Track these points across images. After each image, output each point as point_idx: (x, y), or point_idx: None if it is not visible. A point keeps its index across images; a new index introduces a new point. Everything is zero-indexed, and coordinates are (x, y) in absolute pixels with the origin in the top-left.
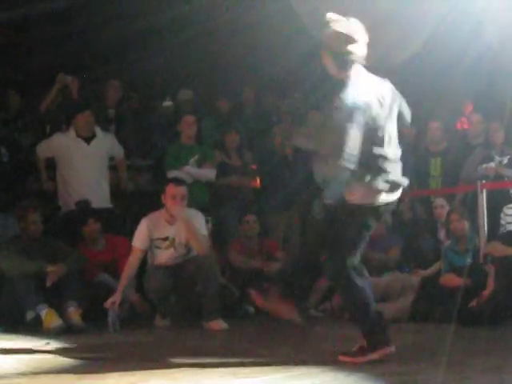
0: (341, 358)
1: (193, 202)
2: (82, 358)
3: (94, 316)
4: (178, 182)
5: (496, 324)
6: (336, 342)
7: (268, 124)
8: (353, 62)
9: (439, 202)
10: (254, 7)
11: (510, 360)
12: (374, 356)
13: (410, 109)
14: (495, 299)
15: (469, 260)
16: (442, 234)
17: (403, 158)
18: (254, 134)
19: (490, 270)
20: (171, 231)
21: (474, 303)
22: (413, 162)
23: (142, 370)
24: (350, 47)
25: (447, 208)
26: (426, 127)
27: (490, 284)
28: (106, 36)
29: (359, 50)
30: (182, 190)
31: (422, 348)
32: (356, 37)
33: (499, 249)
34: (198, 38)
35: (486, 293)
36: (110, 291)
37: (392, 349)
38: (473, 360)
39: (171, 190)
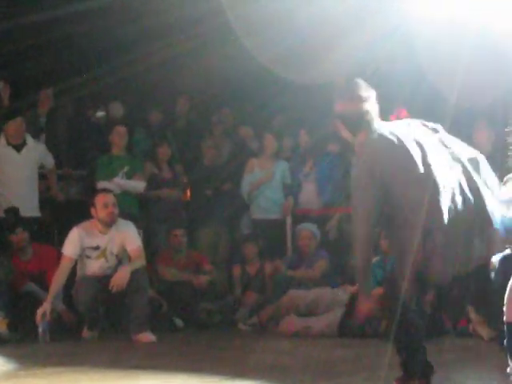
0: None
1: (122, 214)
2: (7, 369)
3: (21, 326)
4: (106, 191)
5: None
6: (265, 355)
7: (199, 137)
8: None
9: None
10: (190, 23)
11: (437, 375)
12: None
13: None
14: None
15: None
16: None
17: (329, 174)
18: (185, 145)
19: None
20: (103, 241)
21: None
22: (339, 178)
23: (68, 381)
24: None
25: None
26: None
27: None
28: (42, 46)
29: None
30: (112, 197)
31: (350, 362)
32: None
33: None
34: (134, 50)
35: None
36: (38, 301)
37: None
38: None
39: (102, 198)
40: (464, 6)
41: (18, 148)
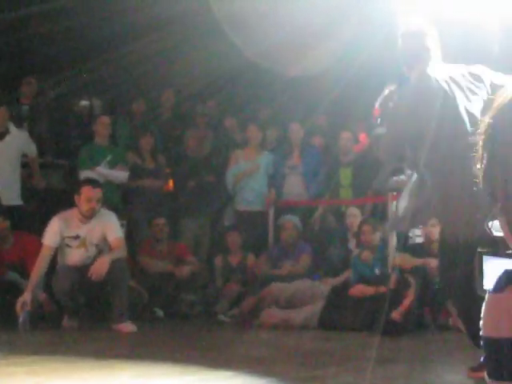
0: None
1: (103, 203)
2: None
3: (1, 315)
4: (94, 184)
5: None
6: (246, 346)
7: (183, 128)
8: None
9: (352, 211)
10: (176, 14)
11: (416, 368)
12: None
13: (323, 119)
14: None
15: (377, 270)
16: (352, 244)
17: (314, 169)
18: (168, 137)
19: (412, 281)
20: (83, 230)
21: (396, 314)
22: (324, 171)
23: (48, 370)
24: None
25: (359, 218)
26: (336, 137)
27: (410, 295)
28: (28, 37)
29: None
30: (98, 192)
31: (330, 354)
32: None
33: (408, 260)
34: (120, 40)
35: (406, 303)
36: (18, 290)
37: None
38: (380, 367)
39: (87, 192)
40: (451, 4)
41: (1, 136)
